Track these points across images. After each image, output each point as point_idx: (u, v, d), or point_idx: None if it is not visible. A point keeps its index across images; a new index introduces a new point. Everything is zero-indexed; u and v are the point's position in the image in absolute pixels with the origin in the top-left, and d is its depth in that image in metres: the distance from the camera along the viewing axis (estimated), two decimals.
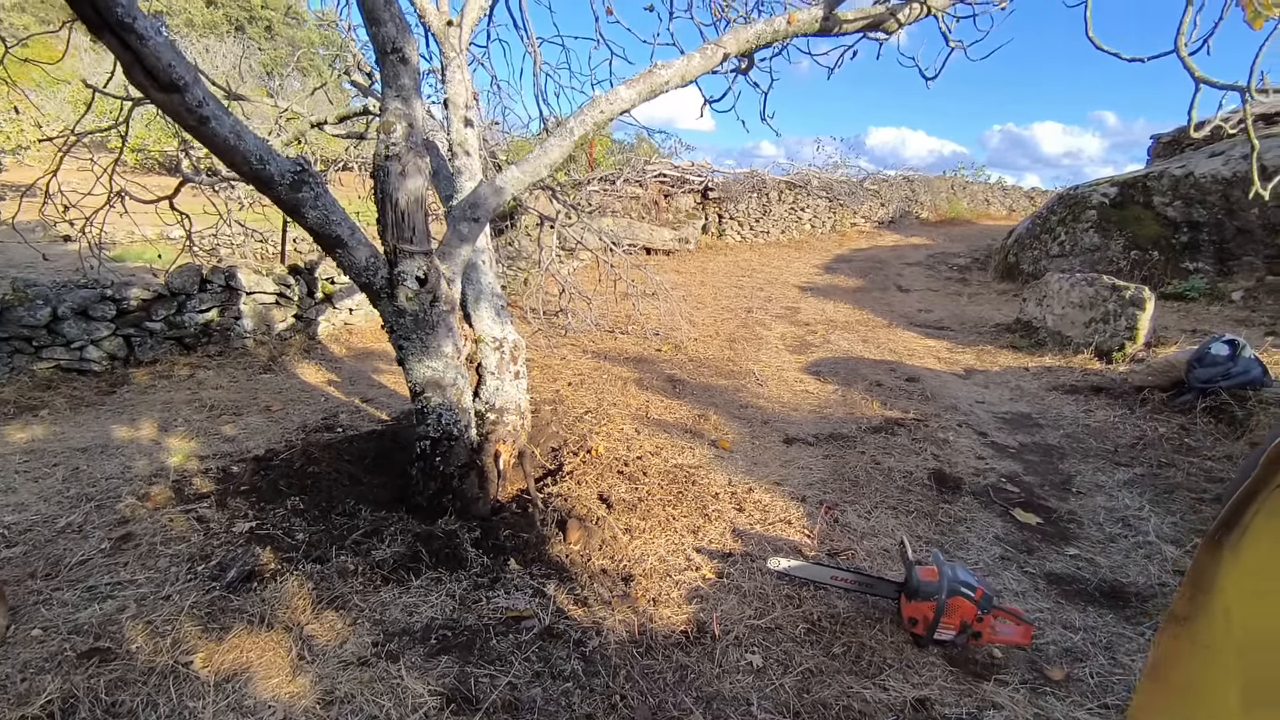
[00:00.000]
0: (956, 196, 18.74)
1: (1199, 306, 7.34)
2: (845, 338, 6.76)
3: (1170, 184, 8.43)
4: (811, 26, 2.76)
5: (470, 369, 3.11)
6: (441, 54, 3.27)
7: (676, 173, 12.64)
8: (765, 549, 2.68)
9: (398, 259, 2.38)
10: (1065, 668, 2.18)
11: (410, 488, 2.75)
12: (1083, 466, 3.81)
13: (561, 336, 5.96)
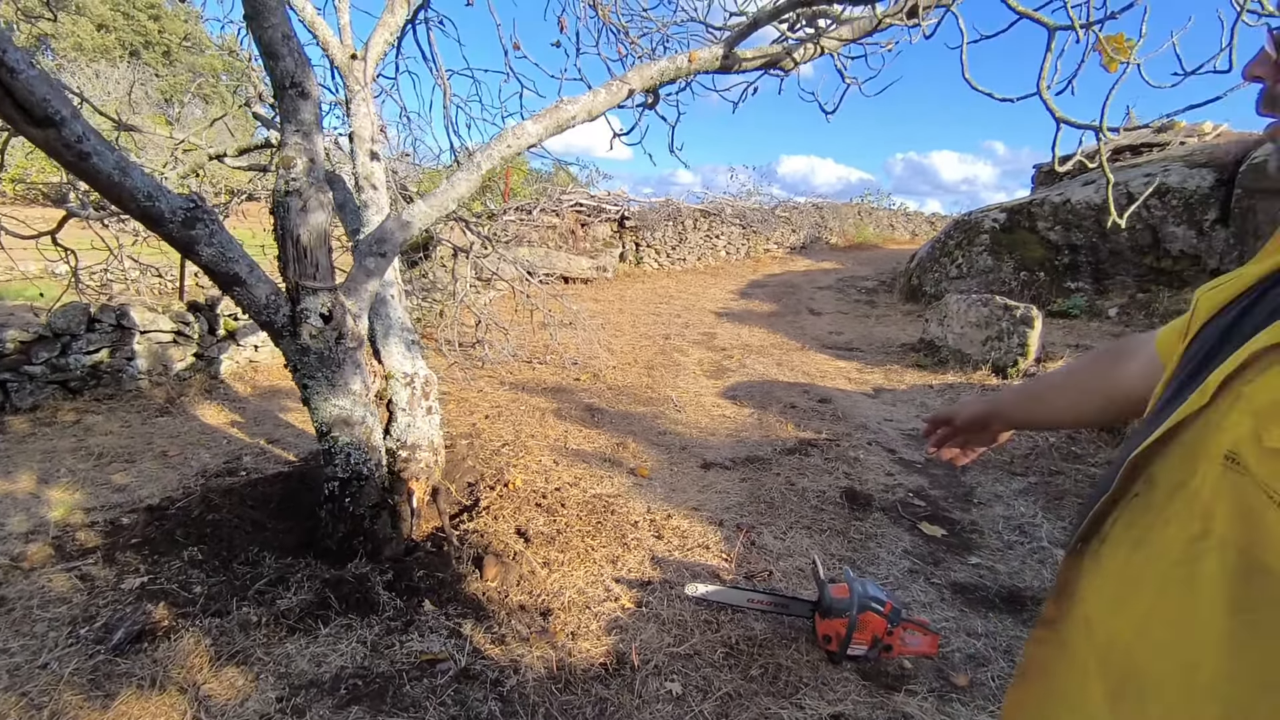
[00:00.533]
0: (863, 222, 19.61)
1: (1081, 323, 7.89)
2: (760, 361, 6.94)
3: (1051, 210, 9.07)
4: (712, 64, 2.87)
5: (380, 406, 3.04)
6: (346, 87, 3.23)
7: (593, 202, 12.76)
8: (684, 575, 2.71)
9: (300, 296, 2.32)
10: (969, 673, 2.28)
11: (319, 531, 2.65)
12: (983, 478, 4.01)
13: (478, 368, 5.89)
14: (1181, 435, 0.67)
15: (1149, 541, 0.68)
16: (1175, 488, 0.66)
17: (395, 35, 3.40)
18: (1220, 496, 0.60)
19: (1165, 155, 9.21)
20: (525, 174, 15.10)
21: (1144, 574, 0.68)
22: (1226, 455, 0.60)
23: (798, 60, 3.00)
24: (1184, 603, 0.63)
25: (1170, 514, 0.66)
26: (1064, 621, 0.78)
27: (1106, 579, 0.73)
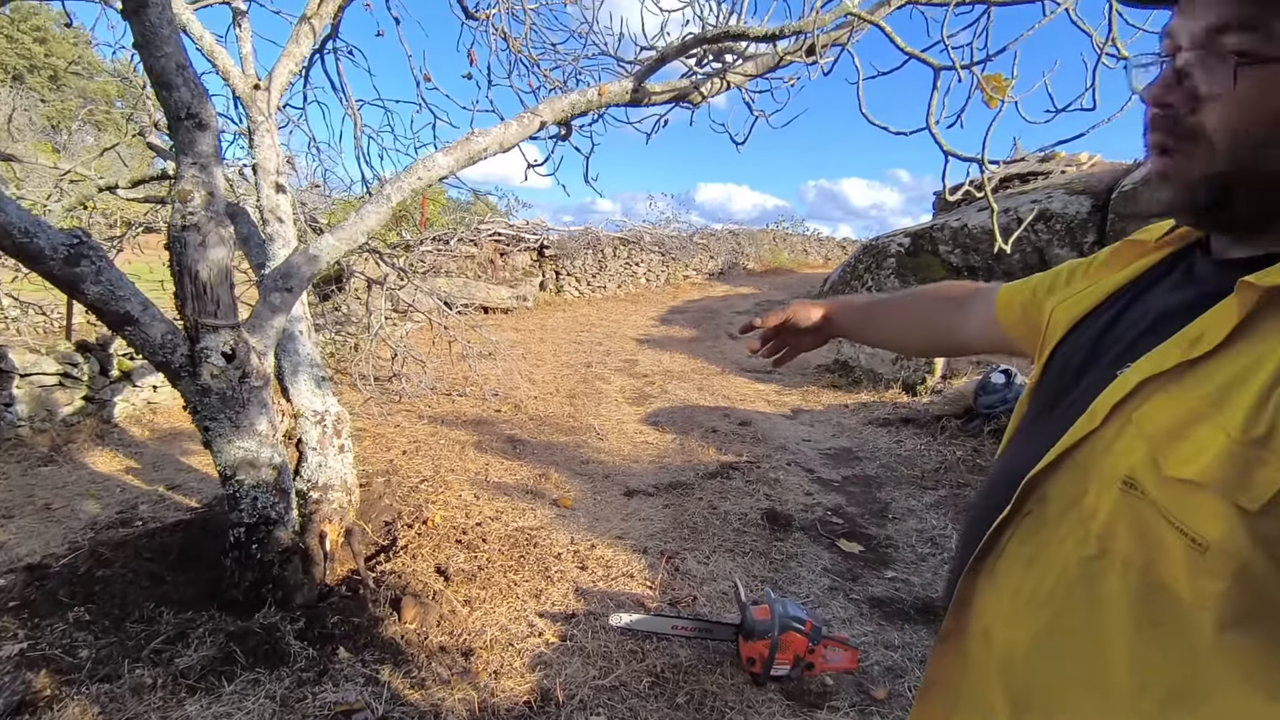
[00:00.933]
0: (779, 247, 20.20)
1: None
2: (682, 387, 7.02)
3: (950, 234, 9.59)
4: (622, 98, 2.93)
5: (289, 446, 2.92)
6: (249, 118, 3.14)
7: (512, 231, 12.71)
8: (608, 606, 2.69)
9: (200, 334, 2.22)
10: (888, 685, 2.35)
11: (224, 581, 2.51)
12: (897, 493, 4.16)
13: (395, 403, 5.74)
14: (1072, 456, 0.69)
15: (1043, 558, 0.70)
16: (1068, 506, 0.68)
17: (301, 65, 3.33)
18: (1119, 518, 0.62)
19: (1049, 183, 9.88)
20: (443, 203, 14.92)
21: (1039, 589, 0.69)
22: (1124, 480, 0.62)
23: (705, 94, 3.09)
24: (1088, 618, 0.65)
25: (1064, 531, 0.68)
26: (963, 635, 0.80)
27: (1002, 594, 0.74)
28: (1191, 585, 0.57)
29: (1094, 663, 0.64)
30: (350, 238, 2.57)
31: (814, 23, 2.54)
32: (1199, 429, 0.57)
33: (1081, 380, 0.75)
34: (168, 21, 2.08)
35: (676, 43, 2.91)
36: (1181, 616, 0.58)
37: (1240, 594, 0.55)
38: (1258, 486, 0.53)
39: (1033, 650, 0.69)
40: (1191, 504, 0.57)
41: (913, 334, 1.28)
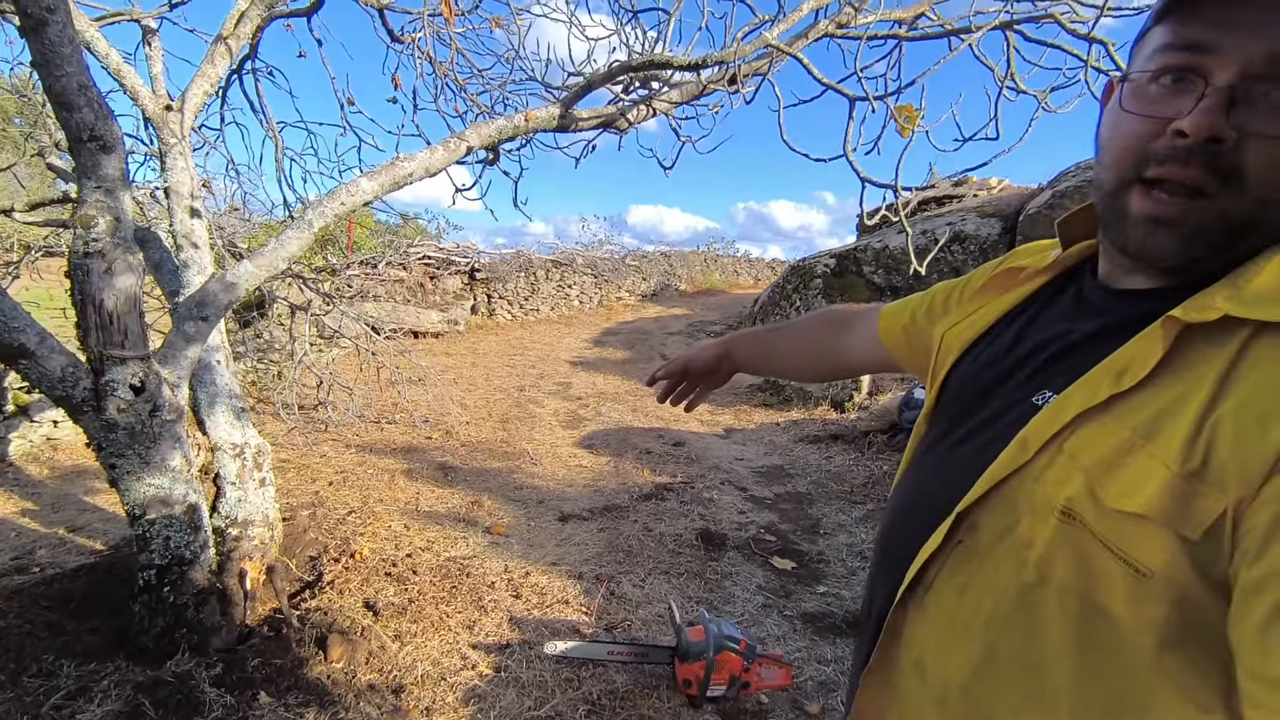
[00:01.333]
0: (710, 269, 20.51)
1: None
2: (616, 409, 7.02)
3: (873, 255, 9.94)
4: (550, 123, 2.94)
5: (206, 481, 2.79)
6: (160, 139, 3.02)
7: (442, 254, 12.54)
8: (543, 634, 2.66)
9: (105, 367, 2.11)
10: (821, 701, 2.38)
11: (133, 628, 2.37)
12: (828, 509, 4.25)
13: (321, 432, 5.56)
14: (1004, 487, 0.68)
15: (976, 586, 0.69)
16: (1000, 535, 0.68)
17: (217, 85, 3.22)
18: (1058, 548, 0.62)
19: (962, 206, 10.38)
20: (370, 226, 14.62)
21: (975, 618, 0.69)
22: (1062, 510, 0.62)
23: (632, 121, 3.14)
24: (1027, 644, 0.65)
25: (998, 560, 0.68)
26: (892, 667, 0.79)
27: (935, 625, 0.74)
28: (1132, 611, 0.58)
29: (1036, 686, 0.64)
30: (271, 264, 2.49)
31: (735, 53, 2.62)
32: (1134, 460, 0.58)
33: (987, 404, 0.76)
34: (69, 40, 1.99)
35: (603, 70, 2.95)
36: (1121, 640, 0.59)
37: (1179, 618, 0.56)
38: (1196, 516, 0.54)
39: (972, 679, 0.69)
40: (1134, 535, 0.57)
41: (809, 362, 1.31)
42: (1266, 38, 0.56)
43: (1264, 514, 0.51)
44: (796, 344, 1.32)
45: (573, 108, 3.01)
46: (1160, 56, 0.63)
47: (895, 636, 0.78)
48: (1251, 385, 0.54)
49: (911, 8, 2.97)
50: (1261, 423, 0.52)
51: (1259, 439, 0.52)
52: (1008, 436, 0.68)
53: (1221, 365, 0.56)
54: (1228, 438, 0.53)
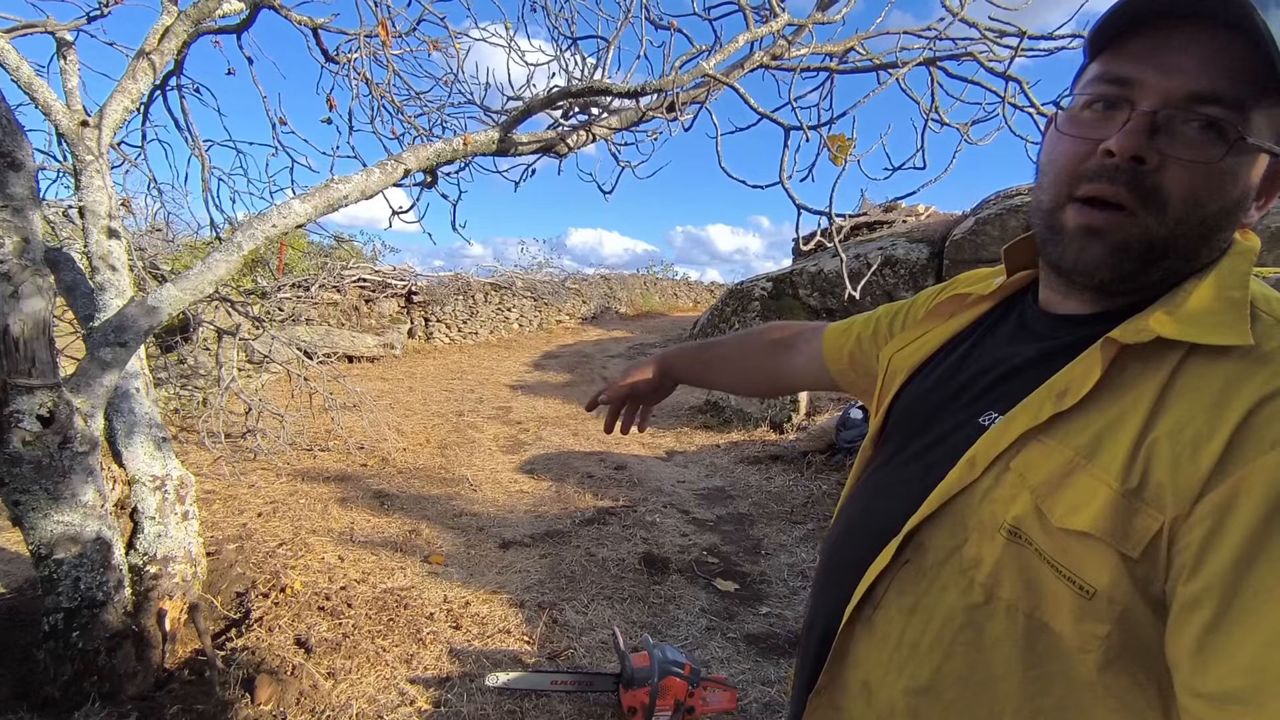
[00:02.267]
0: (650, 292, 20.68)
1: None
2: (557, 433, 6.96)
3: (809, 278, 10.18)
4: (489, 147, 2.93)
5: (123, 516, 2.64)
6: (75, 156, 2.88)
7: (379, 277, 12.29)
8: (485, 665, 2.59)
9: (9, 396, 1.98)
10: None
11: (38, 677, 2.20)
12: (769, 529, 4.29)
13: (250, 461, 5.33)
14: (952, 506, 0.69)
15: (924, 606, 0.70)
16: (947, 554, 0.69)
17: (139, 102, 3.10)
18: (1005, 567, 0.64)
19: (893, 232, 10.74)
20: (303, 248, 14.21)
21: (923, 638, 0.70)
22: (1010, 530, 0.64)
23: (572, 145, 3.15)
24: (974, 662, 0.66)
25: (945, 579, 0.69)
26: (839, 689, 0.79)
27: (883, 644, 0.74)
28: (1076, 629, 0.59)
29: (981, 702, 0.65)
30: (196, 288, 2.39)
31: (673, 82, 2.66)
32: (1077, 479, 0.60)
33: (933, 426, 0.78)
34: None
35: (543, 95, 2.96)
36: (1062, 656, 0.61)
37: (1120, 636, 0.58)
38: (1136, 534, 0.56)
39: (919, 700, 0.70)
40: (1079, 553, 0.59)
41: (747, 377, 1.33)
42: (1185, 77, 0.61)
43: (1197, 532, 0.53)
44: (737, 359, 1.34)
45: (512, 132, 3.00)
46: (1092, 86, 0.68)
47: (842, 657, 0.78)
48: (1185, 406, 0.57)
49: (842, 42, 3.08)
50: (1194, 445, 0.55)
51: (1191, 461, 0.55)
52: (955, 457, 0.70)
53: (1156, 387, 0.59)
54: (1164, 459, 0.56)
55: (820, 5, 3.03)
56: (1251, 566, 0.50)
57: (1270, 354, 0.57)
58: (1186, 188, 0.62)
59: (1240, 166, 0.62)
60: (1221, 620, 0.51)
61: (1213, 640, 0.51)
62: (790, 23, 2.81)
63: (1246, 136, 0.60)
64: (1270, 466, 0.51)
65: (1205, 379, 0.58)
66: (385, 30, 3.01)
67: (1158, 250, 0.64)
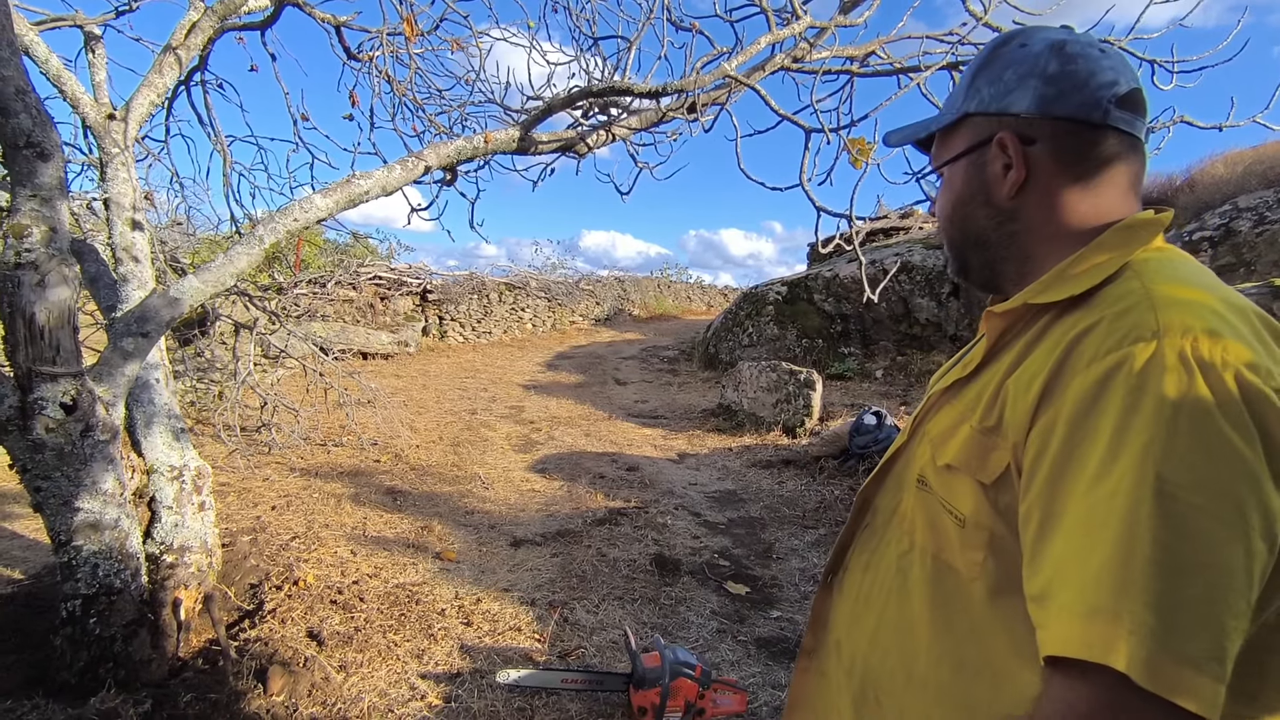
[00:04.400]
0: (663, 294, 20.66)
1: (855, 384, 8.79)
2: (569, 433, 6.97)
3: (824, 284, 10.14)
4: (509, 145, 2.94)
5: (141, 505, 2.66)
6: (101, 149, 2.91)
7: (394, 274, 12.36)
8: (495, 662, 2.59)
9: (34, 384, 2.00)
10: None
11: (54, 663, 2.22)
12: (780, 533, 4.27)
13: (264, 455, 5.37)
14: (892, 468, 0.81)
15: (874, 564, 0.80)
16: (890, 513, 0.80)
17: (164, 96, 3.14)
18: (917, 513, 0.74)
19: (909, 238, 10.69)
20: (320, 245, 14.31)
21: (872, 591, 0.79)
22: (918, 479, 0.75)
23: (591, 145, 3.16)
24: (901, 608, 0.75)
25: (890, 536, 0.79)
26: (820, 650, 0.89)
27: (847, 602, 0.84)
28: (963, 559, 0.68)
29: (907, 645, 0.73)
30: (217, 280, 2.41)
31: (694, 83, 2.66)
32: (961, 428, 0.71)
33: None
34: (7, 43, 1.92)
35: (563, 95, 2.96)
36: (962, 591, 0.68)
37: (996, 562, 0.65)
38: (991, 465, 0.66)
39: (869, 647, 0.78)
40: (953, 486, 0.69)
41: None
42: None
43: (1028, 456, 0.61)
44: None
45: (532, 131, 3.01)
46: None
47: (821, 621, 0.89)
48: (1036, 354, 0.66)
49: (863, 45, 3.07)
50: (1029, 381, 0.63)
51: (1024, 394, 0.63)
52: None
53: (1025, 343, 0.69)
54: (1011, 397, 0.65)
55: (842, 8, 3.03)
56: (1060, 479, 0.57)
57: (1101, 300, 0.64)
58: (938, 212, 0.88)
59: (952, 178, 0.83)
60: (1041, 530, 0.57)
61: (1035, 549, 0.58)
62: (812, 25, 2.80)
63: (937, 168, 0.87)
64: (1076, 387, 0.58)
65: (1057, 331, 0.65)
66: (410, 26, 3.03)
67: (954, 251, 0.86)
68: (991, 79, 0.78)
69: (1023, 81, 0.75)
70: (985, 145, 0.78)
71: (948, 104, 0.85)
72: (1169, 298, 0.60)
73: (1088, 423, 0.56)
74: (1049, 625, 0.54)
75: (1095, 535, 0.53)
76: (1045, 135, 0.75)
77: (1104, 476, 0.54)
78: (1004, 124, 0.77)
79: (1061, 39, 0.75)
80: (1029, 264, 0.77)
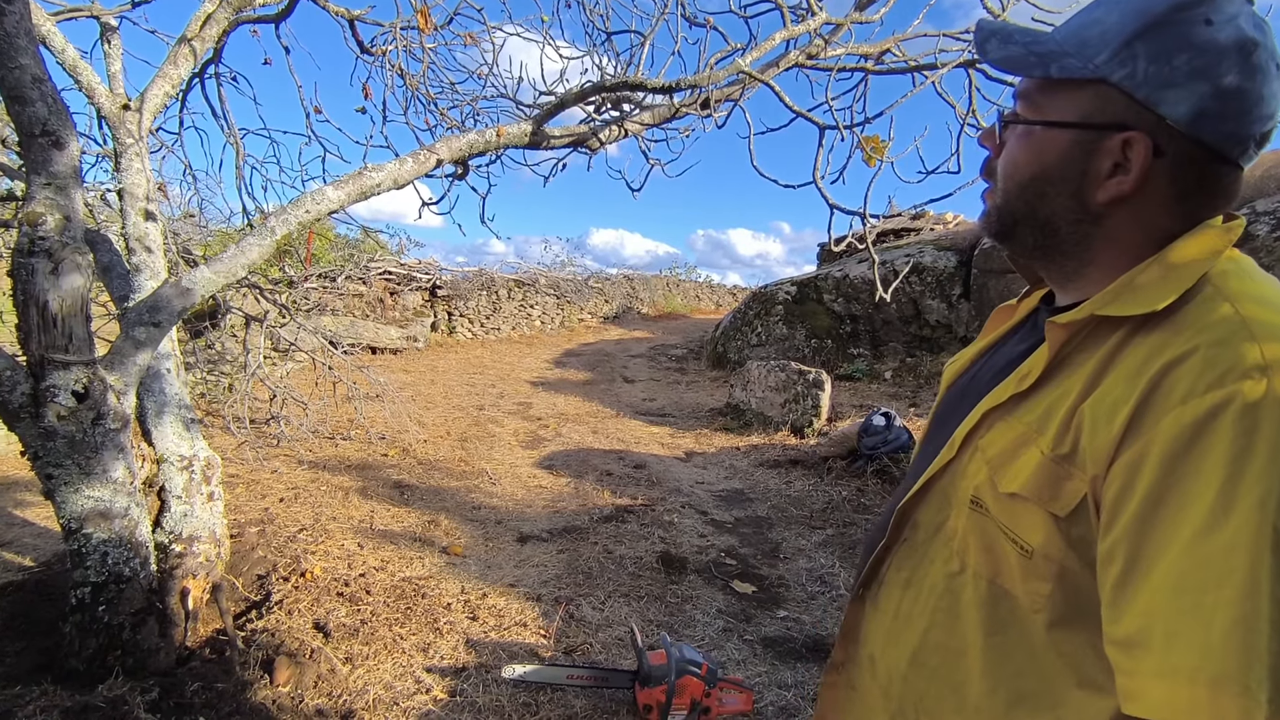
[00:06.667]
0: (672, 293, 20.65)
1: (864, 385, 8.75)
2: (576, 430, 6.97)
3: (834, 284, 10.10)
4: (521, 140, 2.93)
5: (150, 494, 2.67)
6: (116, 139, 2.92)
7: (403, 270, 12.38)
8: (501, 657, 2.59)
9: (46, 371, 2.01)
10: None
11: (63, 650, 2.23)
12: (787, 533, 4.25)
13: (273, 447, 5.39)
14: (937, 484, 0.76)
15: (916, 580, 0.76)
16: (935, 530, 0.76)
17: (178, 88, 3.14)
18: (970, 535, 0.70)
19: (920, 239, 10.63)
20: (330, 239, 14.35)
21: (914, 609, 0.76)
22: (972, 500, 0.70)
23: (603, 140, 3.15)
24: (951, 630, 0.71)
25: (933, 554, 0.75)
26: (851, 664, 0.86)
27: (883, 618, 0.80)
28: (1025, 589, 0.65)
29: (956, 670, 0.70)
30: (229, 271, 2.41)
31: (708, 78, 2.65)
32: (1026, 451, 0.65)
33: (947, 422, 0.83)
34: (25, 32, 1.93)
35: (576, 89, 2.95)
36: (1020, 620, 0.66)
37: (1063, 595, 0.62)
38: (1064, 496, 0.61)
39: (910, 667, 0.75)
40: (1018, 515, 0.65)
41: None
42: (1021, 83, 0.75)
43: (1111, 491, 0.57)
44: None
45: (544, 125, 3.00)
46: None
47: (854, 633, 0.86)
48: (1113, 378, 0.61)
49: (878, 43, 3.05)
50: (1111, 410, 0.59)
51: (1107, 425, 0.59)
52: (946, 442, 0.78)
53: (1098, 362, 0.63)
54: (1088, 425, 0.60)
55: (858, 5, 3.01)
56: (1153, 520, 0.54)
57: (1188, 323, 0.59)
58: (1001, 164, 0.75)
59: (1044, 142, 0.70)
60: (1129, 572, 0.55)
61: (1121, 591, 0.55)
62: (828, 21, 2.79)
63: (1026, 119, 0.72)
64: (1170, 424, 0.54)
65: (1137, 352, 0.61)
66: (424, 20, 3.03)
67: (1005, 216, 0.75)
68: (1157, 54, 0.62)
69: (1192, 80, 0.61)
70: (1106, 131, 0.65)
71: (1071, 36, 0.68)
72: (1268, 328, 0.55)
73: (1187, 464, 0.53)
74: (1148, 680, 0.52)
75: (1212, 594, 0.50)
76: (1177, 152, 0.64)
77: (1217, 527, 0.51)
78: (1143, 120, 0.64)
79: (1253, 39, 0.61)
80: (1091, 267, 0.71)
